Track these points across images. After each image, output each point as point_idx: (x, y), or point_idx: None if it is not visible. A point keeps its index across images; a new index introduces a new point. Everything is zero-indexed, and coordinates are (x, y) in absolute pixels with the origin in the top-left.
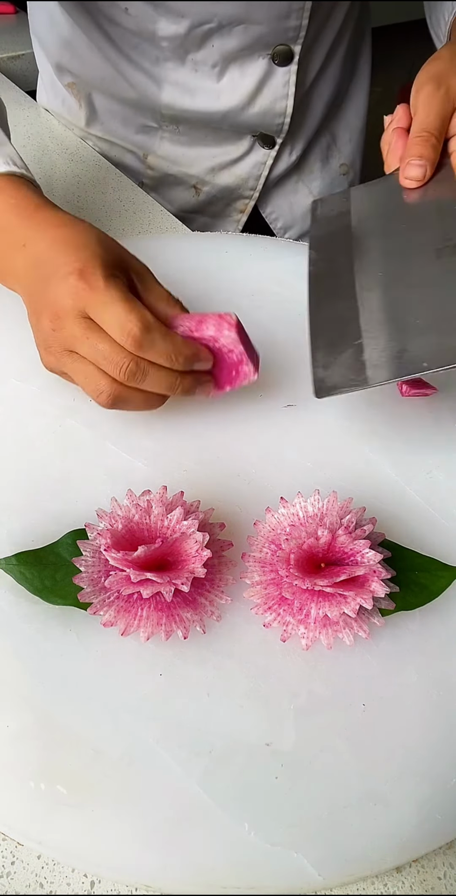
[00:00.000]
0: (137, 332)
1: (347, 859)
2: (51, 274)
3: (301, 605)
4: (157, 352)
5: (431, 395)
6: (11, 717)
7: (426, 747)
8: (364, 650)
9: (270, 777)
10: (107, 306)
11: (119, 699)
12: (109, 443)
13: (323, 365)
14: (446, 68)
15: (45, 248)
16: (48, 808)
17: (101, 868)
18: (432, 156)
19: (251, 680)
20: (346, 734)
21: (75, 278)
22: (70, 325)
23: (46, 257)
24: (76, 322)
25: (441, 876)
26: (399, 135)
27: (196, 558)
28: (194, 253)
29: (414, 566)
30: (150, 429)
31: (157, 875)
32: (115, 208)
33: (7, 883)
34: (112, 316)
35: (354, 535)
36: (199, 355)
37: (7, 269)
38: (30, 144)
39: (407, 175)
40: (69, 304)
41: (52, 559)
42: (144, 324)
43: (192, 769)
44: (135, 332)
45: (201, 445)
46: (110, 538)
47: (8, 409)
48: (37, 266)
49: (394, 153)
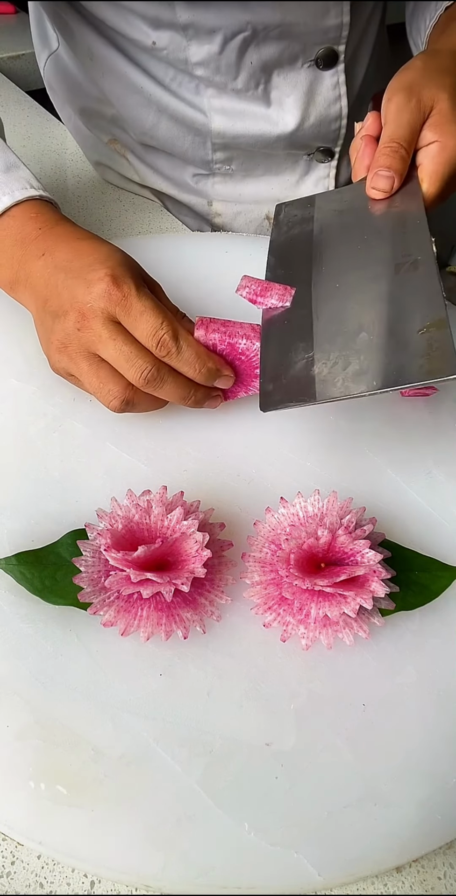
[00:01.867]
0: (168, 339)
1: (347, 859)
2: (77, 279)
3: (301, 605)
4: (183, 360)
5: (430, 395)
6: (11, 717)
7: (426, 747)
8: (364, 650)
9: (270, 777)
10: (142, 314)
11: (119, 699)
12: (109, 443)
13: (272, 377)
14: (418, 78)
15: (66, 256)
16: (48, 808)
17: (101, 868)
18: (401, 167)
19: (251, 680)
20: (346, 734)
21: (108, 284)
22: (98, 327)
23: (69, 264)
24: (104, 324)
25: (441, 876)
26: (368, 142)
27: (196, 558)
28: (194, 253)
29: (414, 566)
30: (150, 429)
31: (157, 875)
32: (115, 208)
33: (7, 883)
34: (146, 323)
35: (354, 535)
36: (222, 370)
37: (20, 279)
38: (30, 145)
39: (374, 185)
40: (101, 306)
41: (52, 559)
42: (175, 331)
43: (192, 769)
44: (166, 338)
45: (201, 446)
46: (110, 538)
47: (8, 409)
48: (58, 271)
49: (361, 161)
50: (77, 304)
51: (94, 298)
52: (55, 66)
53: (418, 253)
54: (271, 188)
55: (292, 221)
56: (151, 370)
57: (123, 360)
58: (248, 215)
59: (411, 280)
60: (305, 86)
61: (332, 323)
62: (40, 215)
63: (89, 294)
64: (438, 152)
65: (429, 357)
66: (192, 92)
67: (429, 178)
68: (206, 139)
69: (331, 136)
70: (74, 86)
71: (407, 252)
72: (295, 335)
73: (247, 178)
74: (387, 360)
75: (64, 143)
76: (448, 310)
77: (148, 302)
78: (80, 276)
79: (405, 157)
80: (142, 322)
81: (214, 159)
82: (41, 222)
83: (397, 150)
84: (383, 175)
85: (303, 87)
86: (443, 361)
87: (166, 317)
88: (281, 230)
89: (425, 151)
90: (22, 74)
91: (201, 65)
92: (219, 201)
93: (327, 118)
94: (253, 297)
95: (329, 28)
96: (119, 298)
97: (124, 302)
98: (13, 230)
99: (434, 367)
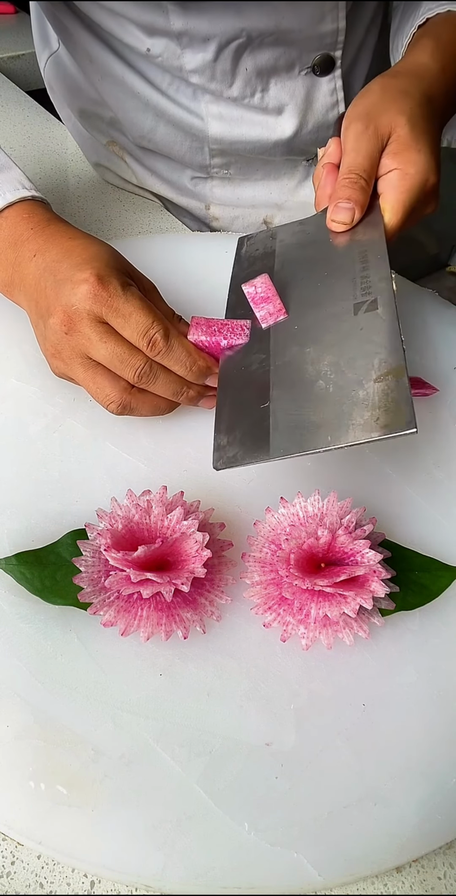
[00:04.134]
0: (159, 339)
1: (347, 859)
2: (64, 279)
3: (301, 605)
4: (174, 358)
5: (431, 395)
6: (11, 717)
7: (426, 747)
8: (364, 650)
9: (270, 777)
10: (130, 314)
11: (119, 699)
12: (109, 443)
13: (225, 429)
14: (376, 103)
15: (56, 255)
16: (48, 808)
17: (101, 868)
18: (361, 199)
19: (251, 680)
20: (346, 734)
21: (93, 284)
22: (85, 329)
23: (59, 264)
24: (92, 326)
25: (441, 876)
26: (329, 171)
27: (196, 558)
28: (194, 253)
29: (414, 566)
30: (150, 429)
31: (157, 875)
32: (115, 208)
33: (7, 883)
34: (135, 322)
35: (354, 535)
36: (212, 369)
37: (14, 279)
38: (30, 144)
39: (334, 218)
40: (86, 307)
41: (52, 559)
42: (166, 330)
43: (192, 769)
44: (157, 338)
45: (201, 445)
46: (110, 538)
47: (8, 409)
48: (47, 272)
49: (323, 190)
50: (62, 305)
51: (80, 300)
52: (55, 67)
53: (378, 291)
54: (270, 192)
55: (254, 256)
56: (144, 367)
57: (117, 361)
58: (245, 219)
59: (371, 321)
60: (302, 93)
61: (290, 369)
62: (32, 216)
63: (74, 296)
64: (398, 180)
65: (385, 409)
66: (190, 97)
67: (391, 209)
68: (204, 144)
69: None
70: (74, 87)
71: (367, 290)
72: (252, 382)
73: (245, 182)
74: (342, 412)
75: (64, 143)
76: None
77: (135, 301)
78: (66, 277)
79: (365, 187)
80: (131, 322)
81: (212, 164)
82: (34, 223)
83: (357, 180)
84: (344, 207)
85: (300, 94)
86: (398, 414)
87: (156, 315)
88: (242, 266)
89: (386, 180)
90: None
91: (196, 72)
92: (216, 205)
93: (325, 124)
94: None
95: (325, 34)
96: (105, 299)
97: (111, 302)
98: (6, 232)
99: (390, 420)
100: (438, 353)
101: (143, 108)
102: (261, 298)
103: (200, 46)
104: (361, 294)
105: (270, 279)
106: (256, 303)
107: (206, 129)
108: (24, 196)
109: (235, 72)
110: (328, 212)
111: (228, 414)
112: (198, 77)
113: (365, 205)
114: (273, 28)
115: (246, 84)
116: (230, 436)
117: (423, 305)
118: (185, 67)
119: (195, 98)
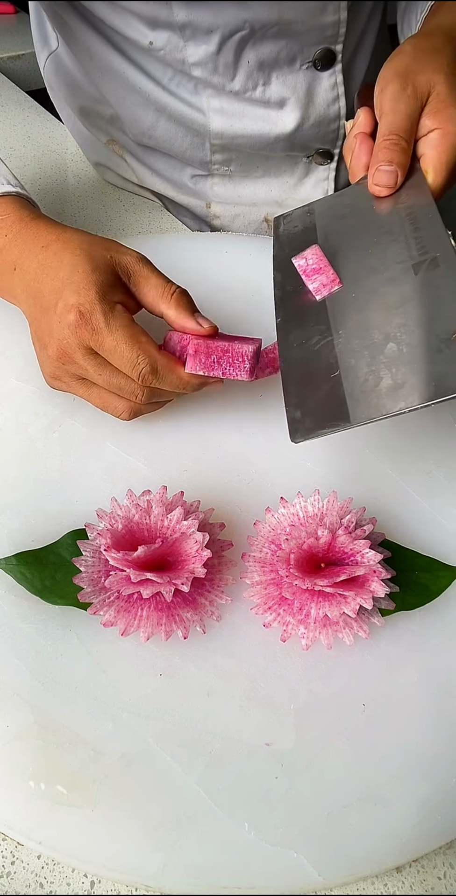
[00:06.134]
0: (147, 373)
1: (347, 859)
2: (48, 308)
3: (301, 605)
4: (167, 384)
5: None
6: (11, 717)
7: (426, 747)
8: (364, 650)
9: (270, 777)
10: (114, 350)
11: (119, 699)
12: (109, 443)
13: (297, 404)
14: (411, 63)
15: (34, 274)
16: (48, 808)
17: (101, 868)
18: (403, 160)
19: (251, 680)
20: (346, 734)
21: (76, 318)
22: (80, 361)
23: (39, 287)
24: (86, 358)
25: (441, 876)
26: (363, 140)
27: (196, 558)
28: (194, 253)
29: (414, 566)
30: (150, 429)
31: (157, 875)
32: (115, 208)
33: (7, 883)
34: (121, 359)
35: (354, 535)
36: (207, 382)
37: (4, 289)
38: (30, 144)
39: (377, 182)
40: (75, 342)
41: (52, 559)
42: (152, 364)
43: (192, 769)
44: (145, 372)
45: (201, 445)
46: (110, 538)
47: (8, 409)
48: (31, 296)
49: (358, 160)
50: (54, 339)
51: (68, 334)
52: (55, 66)
53: (436, 249)
54: (270, 190)
55: (294, 234)
56: (144, 393)
57: (115, 388)
58: (246, 217)
59: (433, 280)
60: (303, 87)
61: (354, 337)
62: (6, 217)
63: (62, 330)
64: (440, 140)
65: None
66: (191, 91)
67: (434, 169)
68: (205, 139)
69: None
70: (74, 85)
71: (423, 249)
72: (316, 354)
73: (245, 179)
74: (422, 371)
75: (64, 143)
76: None
77: (119, 334)
78: (50, 305)
79: (407, 148)
80: (116, 358)
81: (213, 160)
82: (6, 227)
83: (398, 142)
84: (386, 170)
85: (302, 88)
86: None
87: (141, 348)
88: (283, 245)
89: (426, 140)
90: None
91: (199, 65)
92: (217, 203)
93: (326, 119)
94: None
95: (326, 26)
96: (89, 334)
97: (95, 337)
98: None
99: None
100: None
101: (144, 104)
102: (313, 270)
103: (203, 38)
104: (419, 254)
105: None
106: (309, 275)
107: (208, 123)
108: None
109: (237, 65)
110: (370, 176)
111: (296, 388)
112: (200, 70)
113: (407, 166)
114: (276, 19)
115: (248, 77)
116: (303, 408)
117: None
118: (188, 60)
119: (197, 92)
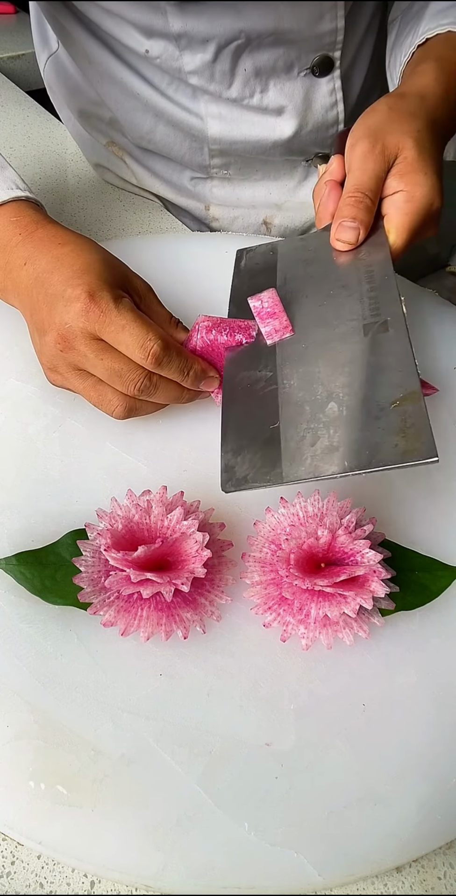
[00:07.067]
0: (158, 350)
1: (347, 859)
2: (56, 295)
3: (301, 605)
4: (172, 368)
5: (431, 395)
6: (11, 717)
7: (426, 747)
8: (364, 650)
9: (270, 777)
10: (124, 329)
11: (119, 699)
12: (109, 443)
13: (233, 451)
14: (383, 123)
15: (46, 266)
16: (48, 808)
17: (101, 868)
18: (366, 218)
19: (251, 680)
20: (346, 734)
21: (85, 301)
22: (81, 347)
23: (49, 276)
24: (87, 344)
25: (441, 876)
26: (332, 188)
27: (196, 558)
28: (194, 253)
29: (414, 566)
30: (150, 429)
31: (157, 875)
32: (115, 208)
33: (7, 883)
34: (131, 337)
35: (354, 535)
36: (208, 372)
37: (7, 287)
38: (30, 144)
39: (339, 237)
40: (79, 326)
41: (52, 559)
42: (164, 341)
43: (193, 769)
44: (156, 350)
45: (201, 445)
46: (110, 538)
47: (8, 409)
48: (39, 284)
49: (325, 208)
50: (56, 324)
51: (73, 318)
52: (55, 67)
53: (388, 313)
54: (269, 193)
55: (254, 270)
56: (143, 381)
57: (115, 377)
58: (245, 220)
59: (382, 343)
60: (301, 93)
61: (299, 389)
62: (21, 219)
63: (67, 314)
64: (404, 202)
65: (404, 435)
66: (189, 97)
67: (396, 230)
68: (203, 144)
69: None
70: (73, 87)
71: (376, 311)
72: (259, 400)
73: (244, 182)
74: (359, 437)
75: (64, 143)
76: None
77: (128, 315)
78: (58, 292)
79: (370, 206)
80: (125, 336)
81: (212, 164)
82: (21, 227)
83: (362, 199)
84: (349, 226)
85: (299, 95)
86: (419, 441)
87: (151, 326)
88: (243, 279)
89: (391, 201)
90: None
91: (195, 73)
92: (216, 205)
93: (325, 124)
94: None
95: (324, 34)
96: (97, 315)
97: (103, 318)
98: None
99: (410, 447)
100: (438, 353)
101: (143, 109)
102: (267, 314)
103: (199, 47)
104: (371, 315)
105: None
106: (263, 318)
107: (206, 129)
108: (15, 196)
109: (233, 73)
110: (332, 230)
111: (235, 433)
112: (197, 78)
113: (369, 225)
114: (272, 28)
115: (245, 85)
116: (239, 456)
117: (423, 305)
118: (184, 69)
119: (194, 98)
